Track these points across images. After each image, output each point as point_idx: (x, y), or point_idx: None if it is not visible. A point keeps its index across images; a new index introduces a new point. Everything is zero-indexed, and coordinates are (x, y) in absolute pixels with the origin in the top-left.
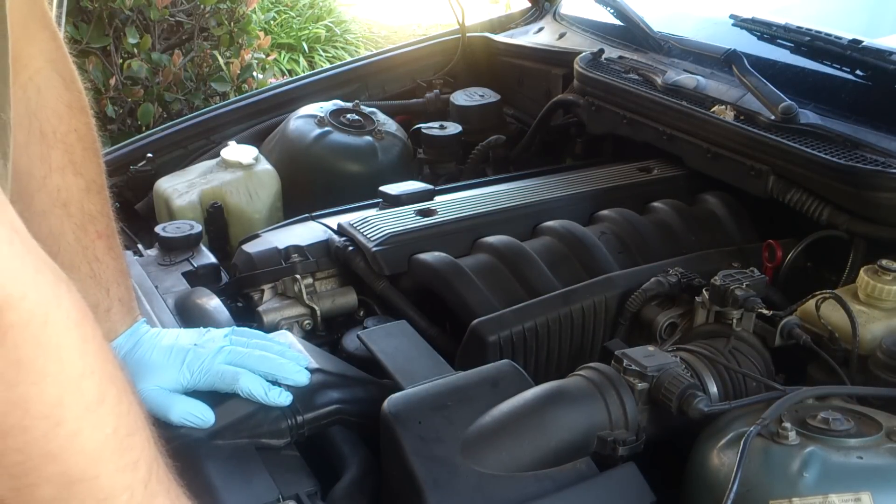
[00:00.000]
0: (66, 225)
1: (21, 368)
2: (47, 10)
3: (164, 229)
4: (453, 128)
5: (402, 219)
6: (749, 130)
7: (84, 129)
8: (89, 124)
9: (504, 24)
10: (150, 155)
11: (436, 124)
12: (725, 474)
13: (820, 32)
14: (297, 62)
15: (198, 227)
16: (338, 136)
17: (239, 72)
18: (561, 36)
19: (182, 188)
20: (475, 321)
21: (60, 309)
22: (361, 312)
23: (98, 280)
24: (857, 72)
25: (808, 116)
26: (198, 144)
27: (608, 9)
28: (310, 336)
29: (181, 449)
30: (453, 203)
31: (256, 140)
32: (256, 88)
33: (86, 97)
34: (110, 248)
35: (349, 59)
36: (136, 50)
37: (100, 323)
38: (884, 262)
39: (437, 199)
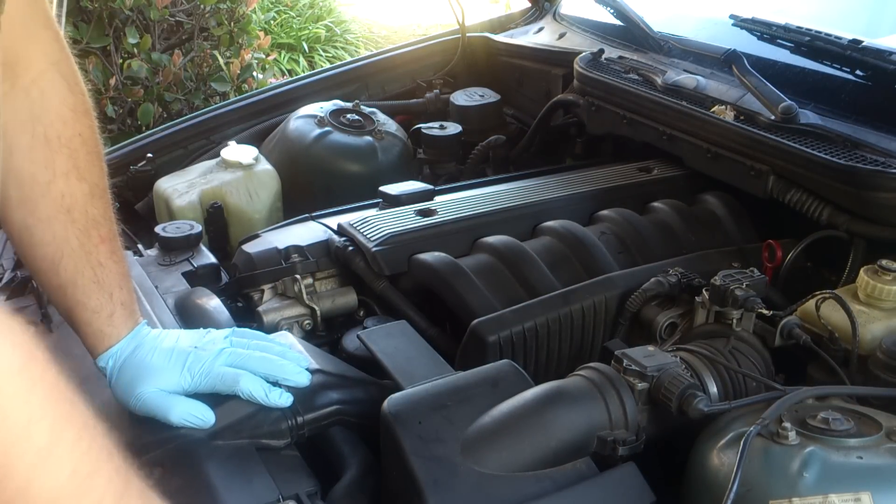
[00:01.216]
0: (69, 231)
1: None
2: (49, 10)
3: (164, 229)
4: (453, 128)
5: (402, 219)
6: (749, 130)
7: (88, 133)
8: (93, 127)
9: (504, 24)
10: (150, 155)
11: (436, 124)
12: (725, 474)
13: (820, 32)
14: (297, 62)
15: (198, 227)
16: (338, 137)
17: (239, 72)
18: (561, 36)
19: (182, 188)
20: (475, 321)
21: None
22: (361, 312)
23: (101, 285)
24: (857, 72)
25: (808, 116)
26: (198, 144)
27: (608, 9)
28: (310, 336)
29: (181, 449)
30: (453, 203)
31: (256, 140)
32: (256, 88)
33: (89, 99)
34: (113, 252)
35: (349, 59)
36: (136, 50)
37: (102, 328)
38: (884, 262)
39: (437, 199)
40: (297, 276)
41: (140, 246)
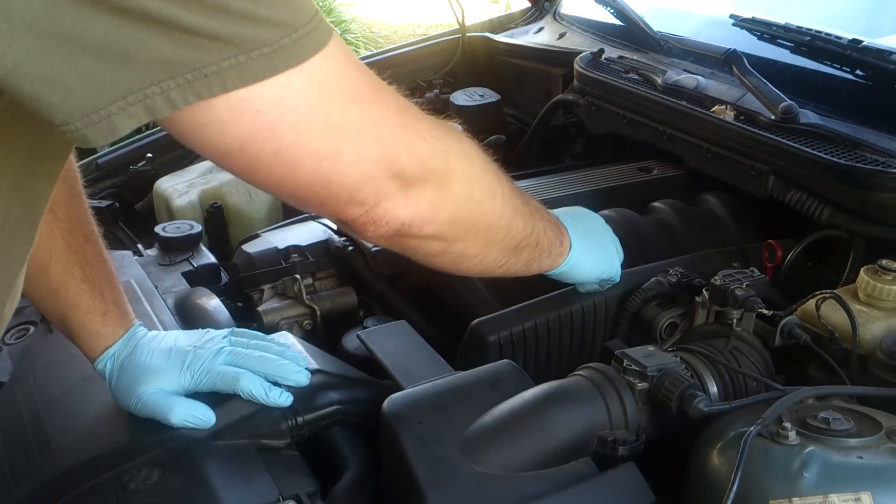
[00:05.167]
0: (55, 230)
1: (470, 203)
2: None
3: (164, 229)
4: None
5: None
6: (749, 130)
7: None
8: None
9: (504, 24)
10: (150, 155)
11: None
12: (725, 474)
13: (820, 32)
14: None
15: (198, 227)
16: None
17: None
18: (561, 36)
19: (182, 188)
20: (475, 321)
21: (463, 149)
22: (361, 312)
23: (92, 284)
24: (857, 72)
25: (808, 116)
26: None
27: (608, 9)
28: (310, 336)
29: (181, 449)
30: None
31: None
32: None
33: None
34: (98, 252)
35: None
36: None
37: (98, 328)
38: (884, 262)
39: None
40: (297, 276)
41: (140, 246)
